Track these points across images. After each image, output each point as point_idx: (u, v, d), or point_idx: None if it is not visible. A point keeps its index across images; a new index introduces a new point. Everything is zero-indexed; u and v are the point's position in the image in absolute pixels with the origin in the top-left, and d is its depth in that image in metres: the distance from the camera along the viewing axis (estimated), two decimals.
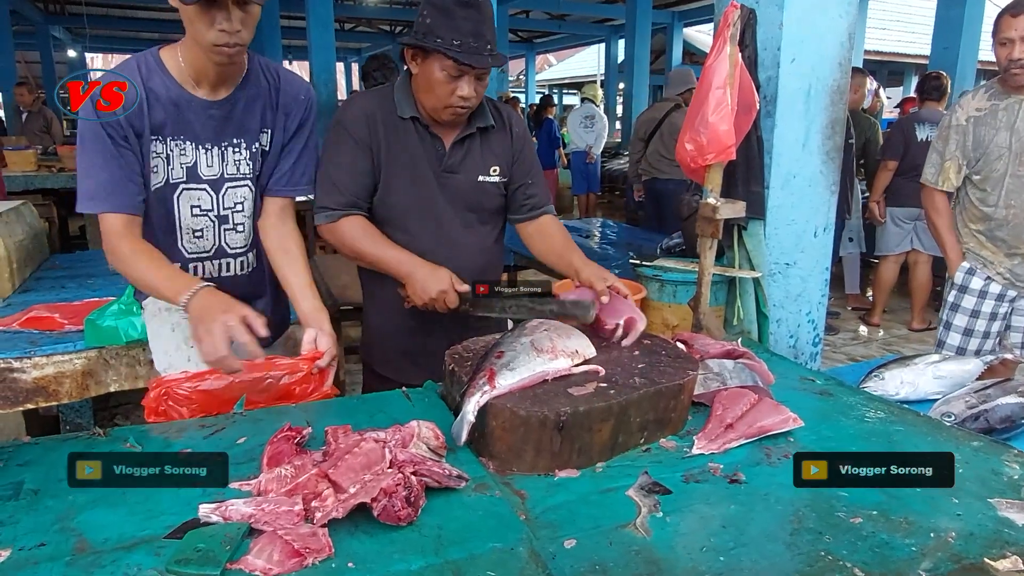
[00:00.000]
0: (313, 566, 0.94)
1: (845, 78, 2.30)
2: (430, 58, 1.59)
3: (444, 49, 1.54)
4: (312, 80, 9.14)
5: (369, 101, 1.75)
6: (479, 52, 1.57)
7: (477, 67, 1.57)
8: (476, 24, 1.56)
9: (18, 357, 2.07)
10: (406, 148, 1.72)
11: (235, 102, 1.56)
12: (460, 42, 1.54)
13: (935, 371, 1.97)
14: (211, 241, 1.63)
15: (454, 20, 1.54)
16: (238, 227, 1.66)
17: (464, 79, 1.59)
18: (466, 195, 1.78)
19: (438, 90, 1.61)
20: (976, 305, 2.59)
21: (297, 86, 1.65)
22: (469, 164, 1.77)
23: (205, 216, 1.60)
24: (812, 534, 1.04)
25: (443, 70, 1.58)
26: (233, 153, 1.58)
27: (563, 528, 1.05)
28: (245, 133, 1.59)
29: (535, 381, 1.31)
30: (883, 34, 13.36)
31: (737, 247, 2.34)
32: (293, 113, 1.64)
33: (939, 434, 1.39)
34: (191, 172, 1.56)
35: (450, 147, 1.75)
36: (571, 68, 24.98)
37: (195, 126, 1.53)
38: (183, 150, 1.53)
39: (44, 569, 0.92)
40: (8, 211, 2.96)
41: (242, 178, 1.61)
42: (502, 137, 1.81)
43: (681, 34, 14.14)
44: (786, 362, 1.86)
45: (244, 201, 1.64)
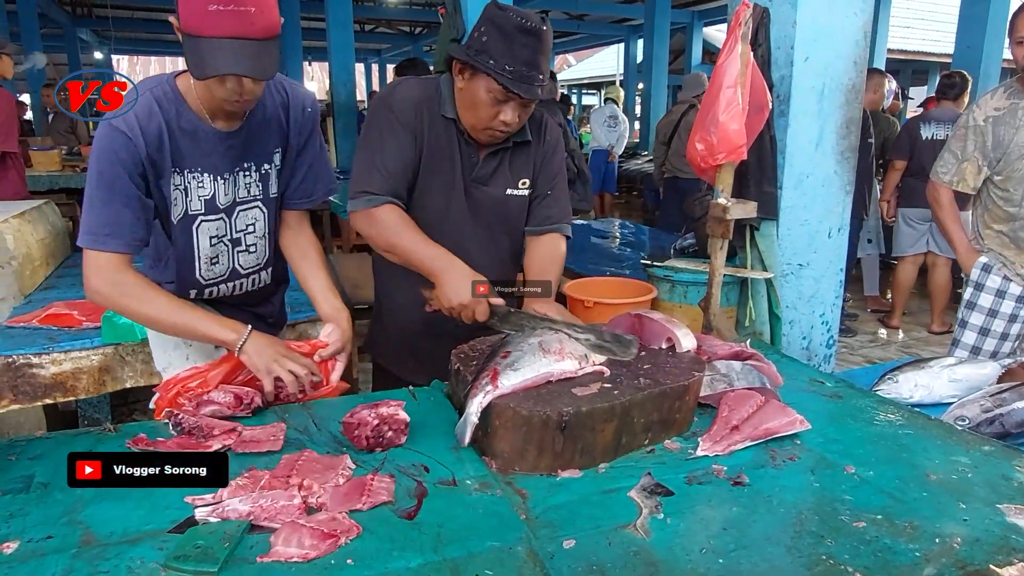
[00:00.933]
0: (313, 562, 0.95)
1: (860, 77, 2.27)
2: (478, 77, 1.54)
3: (495, 73, 1.49)
4: (331, 81, 9.22)
5: (418, 89, 1.67)
6: (531, 82, 1.51)
7: (524, 97, 1.52)
8: (533, 53, 1.50)
9: (37, 353, 2.11)
10: (443, 149, 1.67)
11: (248, 128, 1.53)
12: (513, 69, 1.49)
13: (951, 374, 1.94)
14: (226, 265, 1.64)
15: (512, 45, 1.48)
16: (250, 248, 1.65)
17: (509, 105, 1.55)
18: (491, 207, 1.74)
19: (481, 111, 1.57)
20: (994, 304, 2.54)
21: (302, 99, 1.62)
22: (499, 177, 1.73)
23: (220, 242, 1.60)
24: (814, 537, 1.03)
25: (489, 92, 1.53)
26: (244, 177, 1.57)
27: (563, 528, 1.05)
28: (256, 157, 1.57)
29: (539, 382, 1.30)
30: (907, 32, 13.17)
31: (749, 248, 2.32)
32: (302, 128, 1.62)
33: (949, 438, 1.37)
34: (209, 204, 1.54)
35: (484, 158, 1.70)
36: (590, 68, 24.91)
37: (213, 158, 1.50)
38: (200, 182, 1.51)
39: (51, 561, 0.94)
40: (31, 210, 3.02)
41: (252, 200, 1.60)
42: (536, 148, 1.76)
43: (701, 33, 14.04)
44: (796, 364, 1.84)
45: (255, 222, 1.63)
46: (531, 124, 1.73)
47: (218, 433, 1.28)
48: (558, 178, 1.80)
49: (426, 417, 1.39)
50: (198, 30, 1.26)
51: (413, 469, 1.20)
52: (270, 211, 1.65)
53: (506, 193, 1.74)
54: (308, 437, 1.32)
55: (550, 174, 1.79)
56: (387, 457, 1.24)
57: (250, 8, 1.26)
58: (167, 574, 0.92)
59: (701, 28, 13.94)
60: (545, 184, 1.78)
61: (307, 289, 1.72)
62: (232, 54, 1.27)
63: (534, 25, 1.49)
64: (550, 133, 1.79)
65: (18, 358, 2.08)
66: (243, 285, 1.70)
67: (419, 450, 1.27)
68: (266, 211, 1.64)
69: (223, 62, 1.27)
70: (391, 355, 1.92)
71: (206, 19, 1.25)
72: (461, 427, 1.26)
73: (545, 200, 1.78)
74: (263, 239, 1.67)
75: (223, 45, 1.26)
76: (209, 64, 1.28)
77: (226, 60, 1.27)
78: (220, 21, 1.25)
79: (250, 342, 1.44)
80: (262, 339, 1.47)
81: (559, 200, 1.80)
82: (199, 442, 1.26)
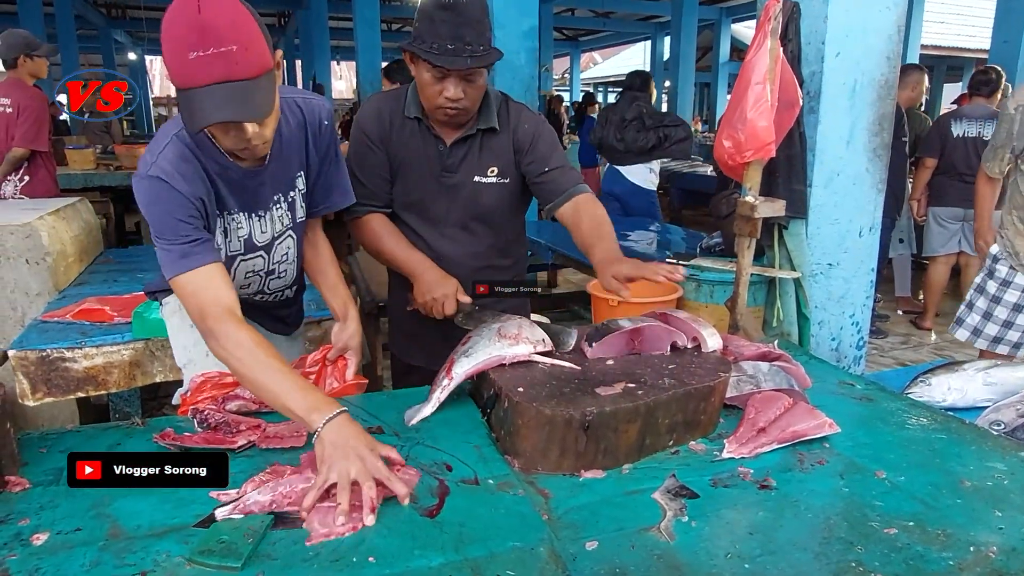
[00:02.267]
0: (334, 561, 0.95)
1: (893, 72, 2.22)
2: (418, 61, 1.63)
3: (422, 52, 1.57)
4: (358, 80, 9.29)
5: (381, 101, 1.82)
6: (457, 54, 1.56)
7: (452, 69, 1.57)
8: (454, 27, 1.55)
9: (70, 347, 2.16)
10: (409, 146, 1.77)
11: (275, 160, 1.48)
12: (437, 45, 1.55)
13: (985, 377, 1.89)
14: (255, 288, 1.64)
15: (433, 23, 1.56)
16: (282, 275, 1.66)
17: (449, 80, 1.60)
18: (465, 195, 1.80)
19: (427, 92, 1.65)
20: (998, 292, 2.66)
21: (318, 114, 1.55)
22: (468, 164, 1.78)
23: (256, 275, 1.60)
24: (843, 544, 1.00)
25: (428, 72, 1.61)
26: (276, 210, 1.54)
27: (585, 529, 1.04)
28: (283, 187, 1.53)
29: (491, 365, 1.36)
30: (942, 28, 12.88)
31: (777, 247, 2.28)
32: (320, 143, 1.57)
33: (984, 443, 1.33)
34: (247, 243, 1.52)
35: (450, 146, 1.76)
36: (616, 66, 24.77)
37: (246, 196, 1.46)
38: (239, 223, 1.48)
39: (79, 553, 0.96)
40: (65, 207, 3.09)
41: (286, 230, 1.58)
42: (505, 139, 1.79)
43: (729, 30, 13.90)
44: (825, 365, 1.81)
45: (289, 251, 1.62)
46: (501, 114, 1.78)
47: (244, 428, 1.29)
48: (555, 155, 1.82)
49: (447, 414, 1.39)
50: (184, 82, 1.17)
51: (435, 467, 1.20)
52: (299, 236, 1.64)
53: (474, 180, 1.79)
54: None
55: (543, 154, 1.80)
56: (410, 454, 1.24)
57: (231, 47, 1.15)
58: (191, 568, 0.93)
59: (729, 24, 13.79)
60: (542, 164, 1.81)
61: (317, 286, 1.75)
62: (220, 100, 1.16)
63: (450, 1, 1.55)
64: (527, 122, 1.80)
65: (52, 352, 2.12)
66: (267, 299, 1.70)
67: (442, 448, 1.27)
68: (296, 237, 1.63)
69: (210, 111, 1.17)
70: (397, 341, 2.05)
71: (188, 68, 1.15)
72: (411, 413, 1.32)
73: (551, 175, 1.81)
74: (293, 264, 1.67)
75: (210, 93, 1.16)
76: (197, 116, 1.18)
77: (212, 108, 1.17)
78: (202, 67, 1.15)
79: (329, 429, 1.13)
80: (346, 428, 1.14)
81: (566, 171, 1.82)
82: (224, 437, 1.27)
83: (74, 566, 0.93)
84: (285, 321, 1.85)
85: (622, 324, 1.46)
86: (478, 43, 1.58)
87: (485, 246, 1.87)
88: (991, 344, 2.70)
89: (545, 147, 1.82)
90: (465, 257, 1.84)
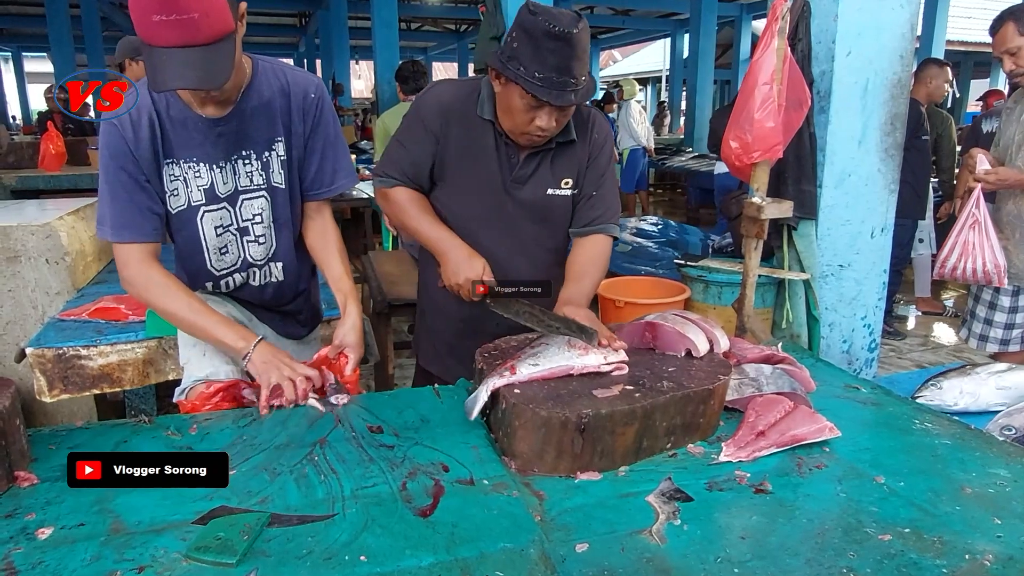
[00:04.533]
0: (327, 559, 0.96)
1: (907, 71, 2.20)
2: (511, 84, 1.52)
3: (524, 80, 1.47)
4: (376, 79, 9.34)
5: (450, 92, 1.70)
6: (561, 88, 1.47)
7: (556, 104, 1.50)
8: (563, 59, 1.45)
9: (86, 345, 2.20)
10: (479, 149, 1.68)
11: (240, 115, 1.53)
12: (543, 76, 1.46)
13: (998, 381, 1.86)
14: (236, 254, 1.66)
15: (540, 51, 1.45)
16: (259, 239, 1.66)
17: (544, 110, 1.53)
18: (531, 208, 1.73)
19: (516, 117, 1.56)
20: (993, 298, 2.71)
21: (305, 85, 1.60)
22: (540, 177, 1.71)
23: (227, 232, 1.62)
24: (835, 550, 1.00)
25: (522, 99, 1.52)
26: (244, 166, 1.57)
27: (577, 531, 1.04)
28: (254, 144, 1.57)
29: (558, 373, 1.33)
30: (968, 23, 12.64)
31: (787, 248, 2.27)
32: (306, 114, 1.60)
33: (988, 449, 1.32)
34: (209, 193, 1.56)
35: (524, 158, 1.69)
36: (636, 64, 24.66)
37: (206, 146, 1.52)
38: (197, 172, 1.53)
39: (81, 547, 0.98)
40: (84, 207, 3.15)
41: (256, 189, 1.61)
42: (581, 146, 1.72)
43: (750, 27, 13.75)
44: (831, 368, 1.79)
45: (262, 212, 1.63)
46: (577, 121, 1.70)
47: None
48: (606, 177, 1.76)
49: (448, 415, 1.40)
50: (147, 39, 1.26)
51: (432, 467, 1.21)
52: (277, 200, 1.64)
53: (547, 193, 1.72)
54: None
55: (597, 173, 1.74)
56: (407, 455, 1.25)
57: (193, 15, 1.24)
58: (188, 564, 0.95)
59: (750, 21, 13.65)
60: (591, 185, 1.74)
61: (324, 274, 1.77)
62: (180, 66, 1.26)
63: (563, 30, 1.44)
64: (598, 131, 1.74)
65: (68, 350, 2.17)
66: (256, 276, 1.70)
67: (440, 448, 1.28)
68: (270, 200, 1.64)
69: (171, 75, 1.28)
70: (431, 355, 1.95)
71: (151, 29, 1.24)
72: (471, 402, 1.29)
73: (591, 200, 1.75)
74: (270, 229, 1.67)
75: (170, 56, 1.26)
76: (159, 78, 1.28)
77: (173, 73, 1.27)
78: (164, 31, 1.24)
79: (257, 352, 1.50)
80: (268, 350, 1.52)
81: (605, 199, 1.76)
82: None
83: (75, 560, 0.96)
84: (296, 318, 1.86)
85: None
86: (581, 76, 1.50)
87: (549, 255, 1.80)
88: (1000, 346, 2.68)
89: (605, 163, 1.76)
90: (530, 265, 1.75)
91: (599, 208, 1.75)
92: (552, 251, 1.81)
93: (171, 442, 1.30)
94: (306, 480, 1.16)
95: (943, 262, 2.62)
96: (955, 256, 2.56)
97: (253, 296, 1.73)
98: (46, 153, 5.56)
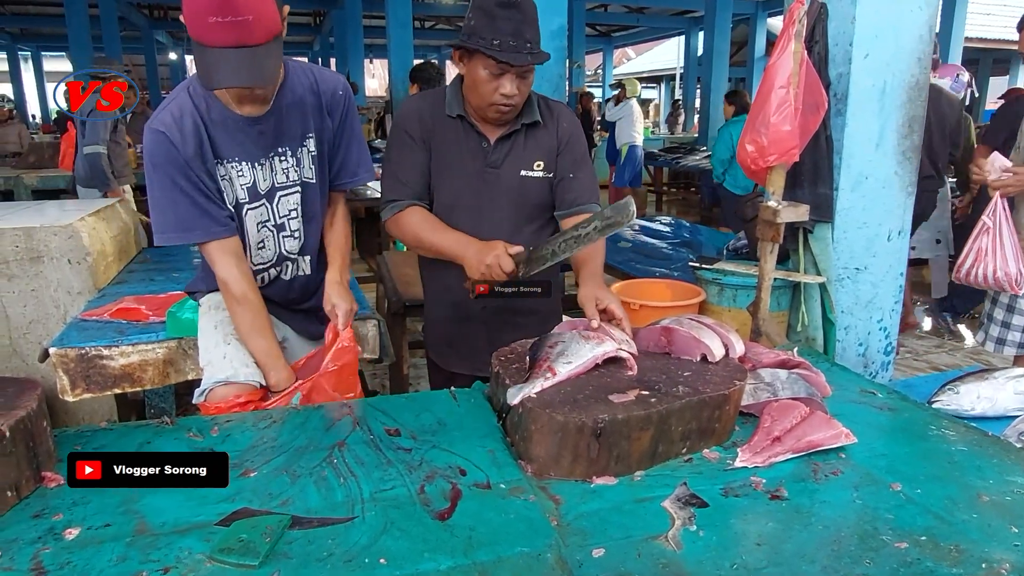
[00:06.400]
0: (346, 561, 0.98)
1: (925, 74, 2.18)
2: (474, 58, 1.65)
3: (484, 48, 1.60)
4: (391, 78, 9.37)
5: (420, 101, 1.86)
6: (518, 51, 1.61)
7: (516, 65, 1.62)
8: (516, 24, 1.61)
9: (107, 345, 2.23)
10: (452, 145, 1.79)
11: (277, 113, 1.60)
12: (499, 41, 1.60)
13: (1016, 386, 1.84)
14: (272, 250, 1.73)
15: (495, 21, 1.60)
16: (294, 233, 1.73)
17: (506, 77, 1.64)
18: (510, 190, 1.81)
19: (482, 89, 1.67)
20: (1012, 301, 2.67)
21: (333, 83, 1.70)
22: (513, 159, 1.80)
23: (265, 227, 1.68)
24: (851, 557, 1.00)
25: (485, 69, 1.64)
26: (280, 162, 1.64)
27: (593, 536, 1.05)
28: (289, 141, 1.64)
29: (589, 367, 1.38)
30: (987, 20, 12.47)
31: (803, 251, 2.26)
32: (335, 111, 1.70)
33: (1007, 456, 1.31)
34: (251, 191, 1.63)
35: (494, 143, 1.79)
36: (649, 62, 24.55)
37: (247, 145, 1.58)
38: (240, 171, 1.60)
39: (107, 548, 1.01)
40: (105, 208, 3.20)
41: (291, 185, 1.68)
42: (548, 133, 1.83)
43: (765, 24, 13.64)
44: (847, 373, 1.79)
45: (296, 207, 1.71)
46: (543, 112, 1.82)
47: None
48: (580, 162, 1.86)
49: (464, 418, 1.42)
50: (201, 39, 1.33)
51: (449, 471, 1.22)
52: (308, 195, 1.71)
53: (521, 175, 1.81)
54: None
55: (572, 159, 1.84)
56: (425, 458, 1.26)
57: (248, 17, 1.31)
58: (212, 566, 0.97)
59: (765, 19, 13.55)
60: (567, 168, 1.84)
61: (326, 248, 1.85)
62: (235, 65, 1.35)
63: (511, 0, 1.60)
64: (566, 121, 1.85)
65: (90, 350, 2.20)
66: (288, 268, 1.77)
67: (457, 452, 1.29)
68: (303, 195, 1.70)
69: (225, 75, 1.36)
70: (438, 347, 2.02)
71: (207, 31, 1.32)
72: (515, 392, 1.30)
73: (570, 183, 1.84)
74: (302, 223, 1.74)
75: (225, 57, 1.34)
76: (214, 77, 1.36)
77: (228, 72, 1.35)
78: (220, 33, 1.31)
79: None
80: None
81: (584, 181, 1.85)
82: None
83: (102, 561, 0.98)
84: (317, 316, 1.88)
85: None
86: (535, 41, 1.64)
87: (529, 239, 1.83)
88: (1019, 350, 2.66)
89: (578, 150, 1.86)
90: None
91: (578, 189, 1.84)
92: (532, 234, 1.87)
93: (193, 443, 1.32)
94: (326, 483, 1.18)
95: (959, 266, 2.60)
96: (970, 261, 2.54)
97: (280, 293, 1.79)
98: (66, 153, 5.64)
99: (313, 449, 1.30)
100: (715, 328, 1.51)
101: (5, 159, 7.91)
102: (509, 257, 1.59)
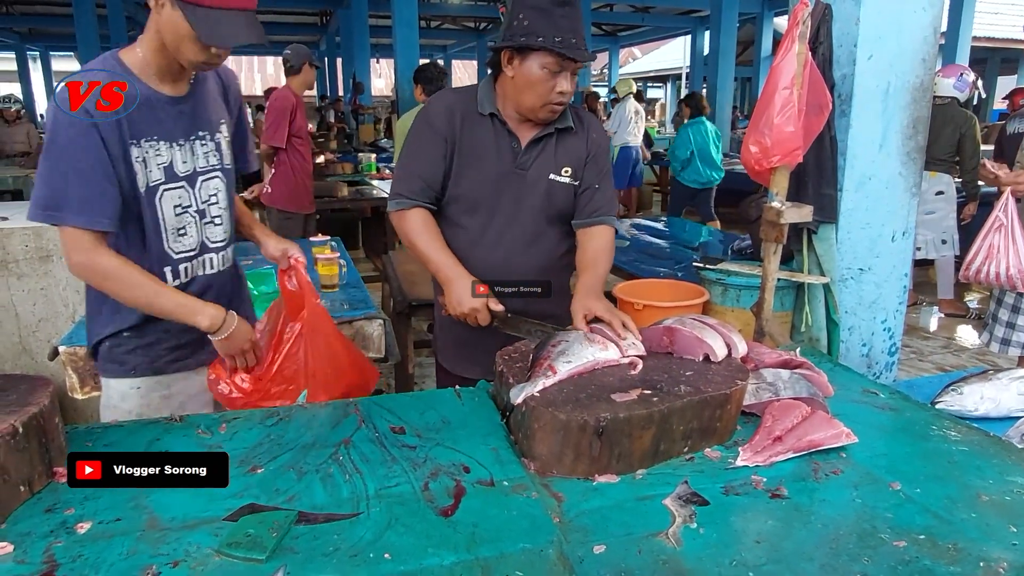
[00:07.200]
0: (352, 556, 1.00)
1: (929, 75, 2.19)
2: (529, 58, 1.65)
3: (549, 46, 1.61)
4: (397, 77, 9.39)
5: (452, 96, 1.85)
6: (578, 47, 1.63)
7: (579, 61, 1.64)
8: (573, 21, 1.63)
9: None
10: (480, 142, 1.78)
11: (195, 95, 1.61)
12: (561, 39, 1.61)
13: (1020, 386, 1.84)
14: (194, 238, 1.64)
15: (553, 19, 1.61)
16: (215, 220, 1.68)
17: (562, 75, 1.66)
18: (535, 193, 1.81)
19: (539, 88, 1.67)
20: (1016, 301, 2.70)
21: (228, 73, 1.75)
22: (542, 162, 1.80)
23: (186, 213, 1.61)
24: (850, 555, 1.01)
25: (543, 68, 1.64)
26: (201, 146, 1.62)
27: (595, 533, 1.07)
28: (207, 125, 1.64)
29: (589, 368, 1.40)
30: (995, 19, 12.41)
31: (806, 251, 2.27)
32: (235, 100, 1.75)
33: (1008, 456, 1.32)
34: (168, 171, 1.57)
35: (526, 145, 1.79)
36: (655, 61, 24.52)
37: (167, 124, 1.55)
38: (158, 150, 1.54)
39: (117, 542, 1.02)
40: None
41: (212, 169, 1.65)
42: (579, 140, 1.83)
43: (771, 24, 13.63)
44: (850, 373, 1.80)
45: (218, 192, 1.67)
46: (574, 119, 1.82)
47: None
48: (605, 173, 1.88)
49: (468, 417, 1.43)
50: (215, 3, 1.41)
51: (453, 468, 1.24)
52: (228, 181, 1.71)
53: (549, 178, 1.81)
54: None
55: (598, 169, 1.85)
56: (429, 456, 1.28)
57: None
58: (219, 560, 0.99)
59: (771, 18, 13.53)
60: (593, 179, 1.85)
61: (252, 236, 1.87)
62: (243, 25, 1.44)
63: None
64: (595, 131, 1.86)
65: None
66: (213, 262, 1.69)
67: (460, 450, 1.31)
68: (225, 181, 1.70)
69: (237, 32, 1.44)
70: (448, 351, 2.02)
71: None
72: (517, 392, 1.32)
73: (593, 193, 1.85)
74: (226, 211, 1.71)
75: (235, 18, 1.43)
76: (226, 34, 1.43)
77: (238, 31, 1.44)
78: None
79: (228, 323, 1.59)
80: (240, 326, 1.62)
81: (606, 194, 1.87)
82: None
83: (113, 554, 1.00)
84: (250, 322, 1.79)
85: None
86: (584, 38, 1.67)
87: (553, 244, 1.88)
88: (1023, 350, 2.67)
89: (604, 162, 1.88)
90: (533, 253, 1.84)
91: (600, 201, 1.85)
92: (553, 239, 1.88)
93: (202, 440, 1.34)
94: (331, 479, 1.20)
95: (968, 264, 2.60)
96: (980, 259, 2.54)
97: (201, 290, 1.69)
98: None
99: (319, 446, 1.31)
100: (718, 328, 1.52)
101: (14, 159, 7.97)
102: (488, 314, 1.67)
